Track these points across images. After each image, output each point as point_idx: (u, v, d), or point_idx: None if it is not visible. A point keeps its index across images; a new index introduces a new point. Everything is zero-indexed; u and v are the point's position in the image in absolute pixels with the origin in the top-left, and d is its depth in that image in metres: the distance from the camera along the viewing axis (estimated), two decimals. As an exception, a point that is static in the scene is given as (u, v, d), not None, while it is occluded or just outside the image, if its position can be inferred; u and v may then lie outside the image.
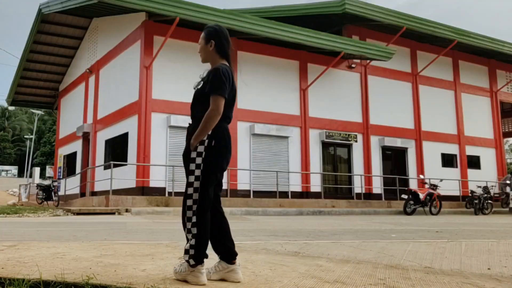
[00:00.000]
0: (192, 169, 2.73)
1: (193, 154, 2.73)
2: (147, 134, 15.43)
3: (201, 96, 2.78)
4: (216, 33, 2.88)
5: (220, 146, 2.74)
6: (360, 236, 6.47)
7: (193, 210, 2.70)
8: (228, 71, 2.80)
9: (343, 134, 19.26)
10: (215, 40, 2.87)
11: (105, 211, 12.08)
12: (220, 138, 2.74)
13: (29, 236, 5.68)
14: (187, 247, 2.72)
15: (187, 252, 2.71)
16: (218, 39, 2.87)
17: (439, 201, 15.94)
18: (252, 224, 8.86)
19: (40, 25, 19.61)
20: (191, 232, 2.71)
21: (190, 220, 2.71)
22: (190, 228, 2.71)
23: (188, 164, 2.75)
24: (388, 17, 18.97)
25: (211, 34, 2.88)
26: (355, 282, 2.86)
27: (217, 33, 2.88)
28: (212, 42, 2.86)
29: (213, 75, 2.74)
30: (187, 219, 2.72)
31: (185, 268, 2.71)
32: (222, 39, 2.88)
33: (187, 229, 2.73)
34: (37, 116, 57.02)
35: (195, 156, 2.72)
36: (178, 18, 14.40)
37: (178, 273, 2.74)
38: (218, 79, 2.72)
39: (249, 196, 16.35)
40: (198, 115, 2.76)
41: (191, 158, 2.73)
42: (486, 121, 24.20)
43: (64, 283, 2.55)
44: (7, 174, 64.84)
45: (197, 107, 2.81)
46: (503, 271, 3.46)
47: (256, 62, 17.73)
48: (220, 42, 2.87)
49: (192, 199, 2.71)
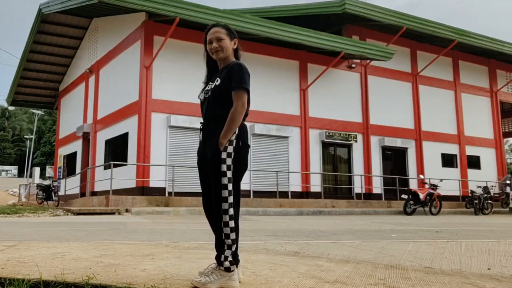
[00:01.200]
0: (223, 170, 2.61)
1: (223, 155, 2.62)
2: (147, 134, 15.44)
3: (226, 91, 2.69)
4: (236, 34, 2.87)
5: (246, 145, 2.70)
6: (360, 236, 6.47)
7: (229, 215, 2.59)
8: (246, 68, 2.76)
9: (343, 134, 19.26)
10: (237, 40, 2.86)
11: (105, 211, 12.08)
12: (244, 137, 2.70)
13: (29, 236, 5.68)
14: (227, 254, 2.60)
15: (226, 259, 2.60)
16: (238, 39, 2.87)
17: (439, 201, 15.94)
18: (252, 224, 8.86)
19: (40, 25, 19.61)
20: (230, 237, 2.60)
21: (227, 225, 2.60)
22: (229, 234, 2.60)
23: (217, 165, 2.62)
24: (388, 17, 18.98)
25: (234, 33, 2.85)
26: (355, 282, 2.86)
27: (234, 32, 2.87)
28: (235, 40, 2.84)
29: (237, 69, 2.68)
30: (224, 223, 2.60)
31: (218, 276, 2.59)
32: (237, 42, 2.88)
33: (225, 234, 2.60)
34: (37, 116, 57.02)
35: (225, 157, 2.62)
36: (178, 18, 14.40)
37: (213, 282, 2.57)
38: (243, 73, 2.67)
39: (249, 196, 16.34)
40: (223, 113, 2.66)
41: (221, 159, 2.62)
42: (486, 121, 24.21)
43: (64, 283, 2.55)
44: (7, 174, 64.84)
45: (220, 104, 2.70)
46: (503, 271, 3.46)
47: (256, 62, 17.72)
48: (238, 45, 2.88)
49: (228, 202, 2.60)
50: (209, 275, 2.62)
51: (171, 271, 3.02)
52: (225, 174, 2.61)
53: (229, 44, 2.79)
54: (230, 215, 2.59)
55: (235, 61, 2.78)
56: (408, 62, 21.90)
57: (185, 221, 9.55)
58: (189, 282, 2.68)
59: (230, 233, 2.60)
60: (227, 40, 2.79)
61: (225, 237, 2.61)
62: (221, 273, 2.61)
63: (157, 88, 15.78)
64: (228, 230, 2.60)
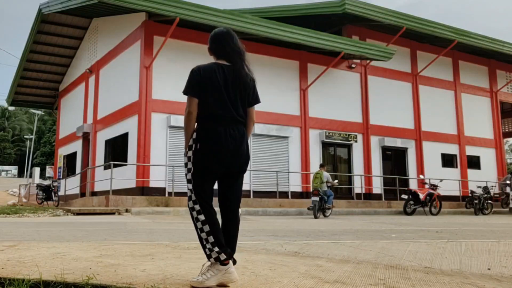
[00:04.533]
0: (185, 173, 2.78)
1: (185, 159, 2.79)
2: (147, 134, 15.43)
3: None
4: (209, 38, 2.93)
5: (204, 148, 2.69)
6: (360, 236, 6.47)
7: (196, 211, 2.70)
8: (203, 68, 2.78)
9: (343, 134, 19.26)
10: (209, 45, 2.94)
11: (105, 211, 12.08)
12: (202, 141, 2.70)
13: (29, 236, 5.68)
14: (208, 246, 2.68)
15: (211, 251, 2.66)
16: (210, 43, 2.93)
17: (439, 201, 15.94)
18: (252, 224, 8.86)
19: (40, 25, 19.60)
20: (203, 231, 2.69)
21: (197, 221, 2.70)
22: (202, 227, 2.69)
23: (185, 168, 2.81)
24: (388, 17, 18.97)
25: (208, 40, 2.95)
26: (355, 282, 2.86)
27: (210, 38, 2.93)
28: (208, 48, 2.95)
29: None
30: (192, 220, 2.74)
31: (214, 272, 2.64)
32: (212, 43, 2.91)
33: (198, 229, 2.71)
34: (37, 116, 57.01)
35: (186, 161, 2.77)
36: (178, 18, 14.40)
37: (210, 278, 2.63)
38: (188, 79, 2.80)
39: (249, 196, 16.35)
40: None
41: (184, 163, 2.79)
42: (486, 121, 24.20)
43: (64, 283, 2.55)
44: (7, 174, 64.81)
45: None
46: (503, 271, 3.46)
47: (256, 62, 17.68)
48: (212, 45, 2.92)
49: (191, 200, 2.73)
50: (206, 273, 2.66)
51: (171, 271, 3.02)
52: (186, 176, 2.77)
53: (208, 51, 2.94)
54: (197, 210, 2.69)
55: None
56: (408, 62, 21.89)
57: (185, 221, 9.55)
58: (189, 282, 2.68)
59: (202, 226, 2.68)
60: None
61: (199, 231, 2.70)
62: (217, 268, 2.64)
63: (157, 88, 15.77)
64: (199, 225, 2.69)
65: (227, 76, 2.79)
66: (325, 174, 13.54)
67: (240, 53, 2.86)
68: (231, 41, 2.86)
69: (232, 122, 2.76)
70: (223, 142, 2.69)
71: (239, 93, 2.82)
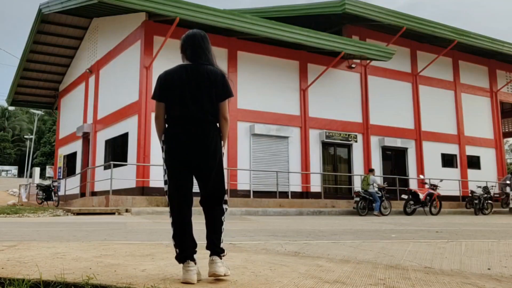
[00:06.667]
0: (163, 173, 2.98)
1: (161, 161, 2.98)
2: (147, 134, 15.43)
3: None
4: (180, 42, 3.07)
5: (168, 149, 2.87)
6: (360, 236, 6.47)
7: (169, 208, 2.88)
8: (167, 73, 2.96)
9: (343, 134, 19.26)
10: (180, 48, 3.08)
11: (105, 211, 12.08)
12: (166, 142, 2.88)
13: (29, 236, 5.68)
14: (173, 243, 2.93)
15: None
16: (180, 46, 3.07)
17: (439, 201, 15.94)
18: (252, 224, 8.86)
19: (40, 25, 19.60)
20: (171, 227, 2.92)
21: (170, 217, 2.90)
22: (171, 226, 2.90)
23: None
24: (388, 17, 18.97)
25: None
26: (355, 282, 2.86)
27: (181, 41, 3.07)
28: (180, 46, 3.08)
29: None
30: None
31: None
32: (180, 45, 3.05)
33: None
34: (37, 116, 56.99)
35: (162, 162, 2.97)
36: (178, 18, 14.39)
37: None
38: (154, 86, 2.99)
39: (249, 196, 16.34)
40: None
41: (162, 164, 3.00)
42: (486, 121, 24.20)
43: (64, 283, 2.55)
44: (7, 174, 64.76)
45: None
46: (503, 271, 3.46)
47: (256, 62, 17.72)
48: (180, 48, 3.06)
49: (167, 199, 2.91)
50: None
51: (171, 271, 3.02)
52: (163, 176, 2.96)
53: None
54: (170, 212, 2.87)
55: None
56: (408, 62, 21.89)
57: (185, 221, 9.51)
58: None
59: (171, 227, 2.87)
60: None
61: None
62: (184, 266, 2.75)
63: (157, 88, 15.74)
64: (171, 225, 2.88)
65: (190, 76, 2.89)
66: (372, 178, 15.32)
67: (204, 52, 2.95)
68: (195, 41, 2.97)
69: (193, 122, 2.83)
70: (183, 141, 2.81)
71: (205, 90, 2.86)
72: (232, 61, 17.13)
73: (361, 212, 14.72)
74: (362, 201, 14.90)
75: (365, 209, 14.89)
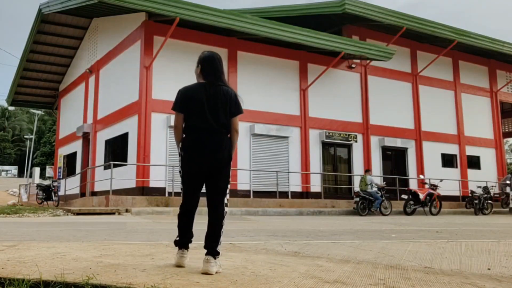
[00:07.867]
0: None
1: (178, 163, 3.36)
2: (147, 134, 15.43)
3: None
4: (197, 61, 3.37)
5: (184, 156, 3.23)
6: (360, 236, 6.47)
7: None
8: (187, 88, 3.32)
9: (343, 134, 19.26)
10: (195, 67, 3.39)
11: (105, 211, 12.07)
12: (185, 149, 3.25)
13: (29, 236, 5.68)
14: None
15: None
16: (196, 66, 3.37)
17: (439, 201, 15.94)
18: (252, 224, 8.86)
19: (40, 25, 19.59)
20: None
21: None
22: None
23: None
24: (388, 17, 18.97)
25: (198, 60, 3.38)
26: (355, 282, 2.86)
27: (197, 61, 3.37)
28: (195, 70, 3.40)
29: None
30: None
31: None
32: (197, 66, 3.37)
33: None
34: (37, 116, 56.99)
35: (179, 165, 3.34)
36: (178, 18, 14.39)
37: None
38: (174, 98, 3.33)
39: (249, 196, 16.34)
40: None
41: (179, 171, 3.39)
42: (486, 121, 24.20)
43: (64, 283, 2.55)
44: (7, 174, 64.76)
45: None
46: (503, 271, 3.46)
47: (256, 62, 17.72)
48: (197, 68, 3.37)
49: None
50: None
51: (171, 271, 3.02)
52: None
53: (195, 71, 3.40)
54: (181, 204, 3.32)
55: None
56: (408, 62, 21.89)
57: (185, 221, 9.51)
58: (189, 282, 2.68)
59: (177, 218, 3.37)
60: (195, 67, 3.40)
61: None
62: (178, 251, 3.30)
63: (157, 88, 15.77)
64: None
65: (209, 94, 3.24)
66: (369, 178, 15.58)
67: (220, 74, 3.31)
68: (214, 65, 3.31)
69: (210, 133, 3.19)
70: (200, 149, 3.18)
71: (221, 106, 3.22)
72: (232, 61, 17.13)
73: (361, 212, 14.81)
74: (362, 201, 15.03)
75: (365, 209, 15.00)
